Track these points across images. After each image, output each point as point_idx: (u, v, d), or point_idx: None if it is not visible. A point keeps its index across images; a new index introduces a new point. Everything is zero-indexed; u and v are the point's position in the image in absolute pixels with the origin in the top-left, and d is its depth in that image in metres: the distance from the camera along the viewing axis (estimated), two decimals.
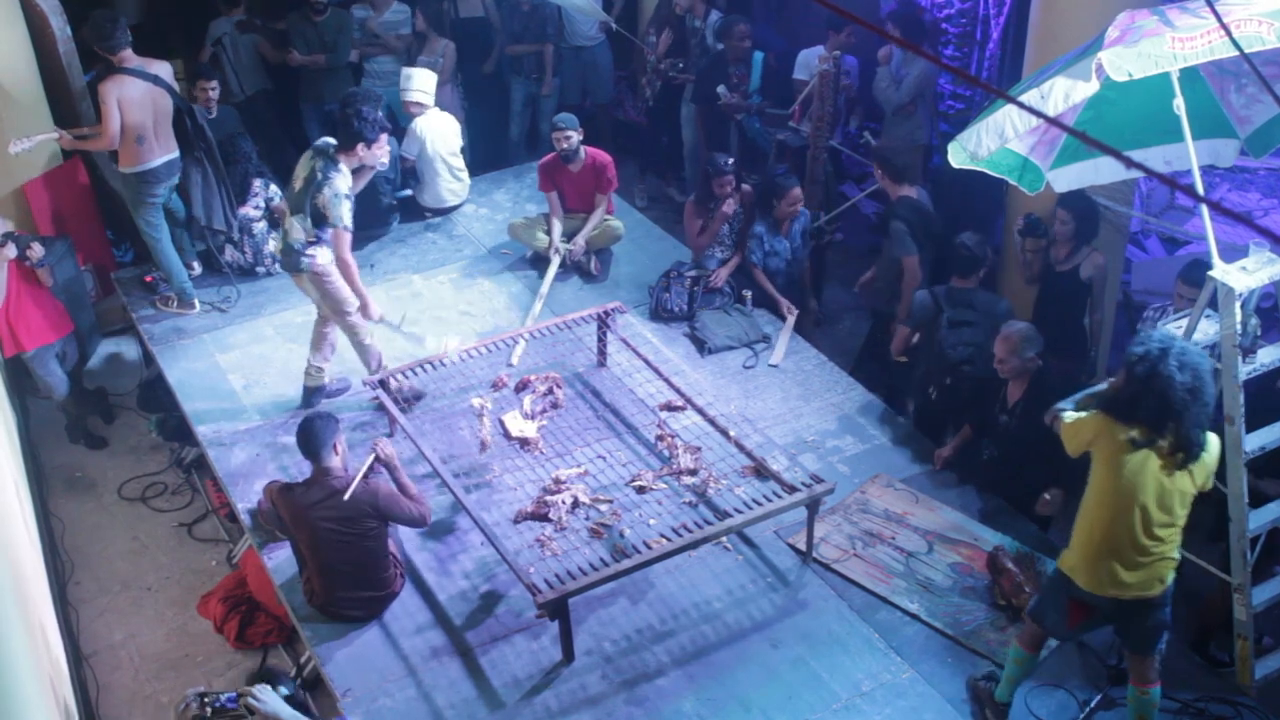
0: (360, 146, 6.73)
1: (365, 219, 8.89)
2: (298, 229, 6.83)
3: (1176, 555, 4.94)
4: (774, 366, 7.66)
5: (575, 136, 8.33)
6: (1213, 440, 4.82)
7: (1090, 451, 4.88)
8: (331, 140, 6.80)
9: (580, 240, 8.52)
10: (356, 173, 6.92)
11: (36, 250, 7.62)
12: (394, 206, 9.17)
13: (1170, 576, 4.96)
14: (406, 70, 9.00)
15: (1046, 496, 6.34)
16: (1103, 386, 5.03)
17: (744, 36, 9.56)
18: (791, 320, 7.99)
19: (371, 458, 5.95)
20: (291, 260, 6.93)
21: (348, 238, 6.79)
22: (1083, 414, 4.95)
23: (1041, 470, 6.25)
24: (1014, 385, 6.38)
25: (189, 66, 9.52)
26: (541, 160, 8.67)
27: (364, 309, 7.03)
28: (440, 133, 8.99)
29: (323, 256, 6.88)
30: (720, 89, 9.59)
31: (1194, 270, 6.25)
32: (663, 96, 10.35)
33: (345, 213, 6.70)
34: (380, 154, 6.89)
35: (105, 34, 7.62)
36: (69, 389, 8.08)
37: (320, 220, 6.74)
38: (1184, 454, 4.70)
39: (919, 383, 7.37)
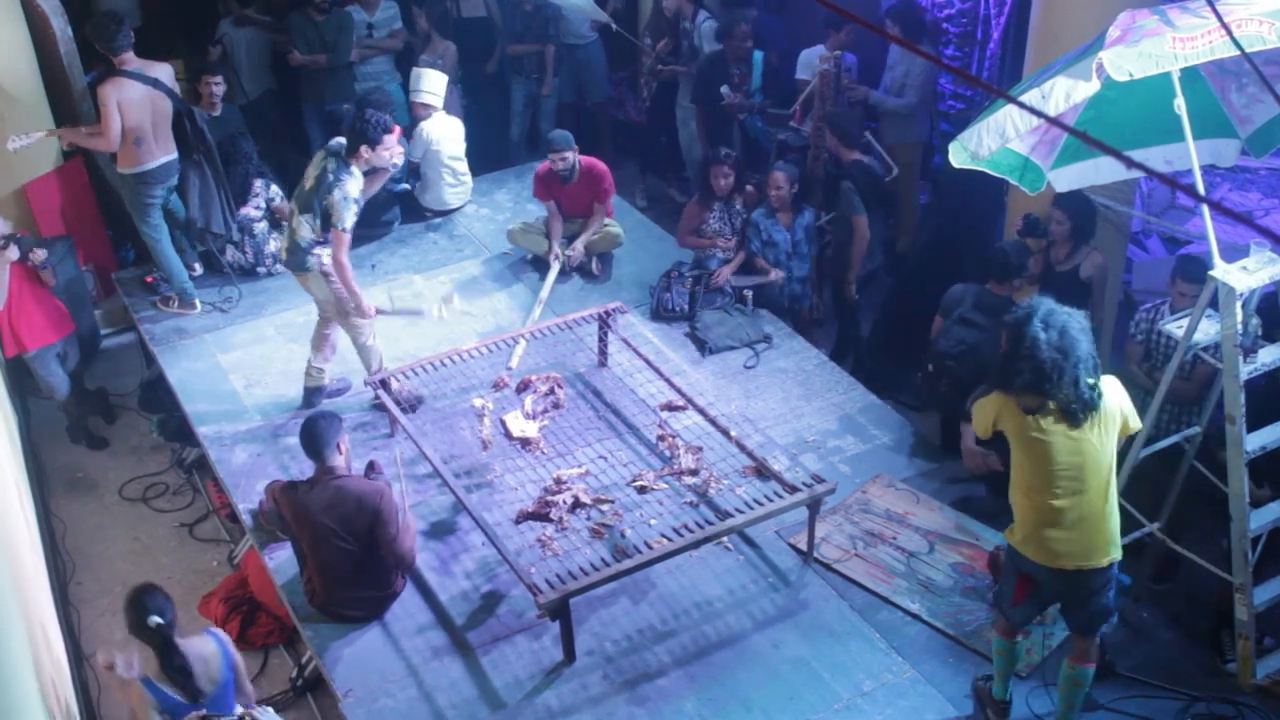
0: (364, 148, 6.72)
1: (365, 215, 8.91)
2: (305, 228, 6.84)
3: (1115, 525, 4.98)
4: (769, 335, 7.72)
5: (571, 156, 8.34)
6: (1109, 383, 4.88)
7: (1001, 431, 4.97)
8: (343, 141, 6.82)
9: (579, 245, 8.50)
10: (369, 175, 6.94)
11: (39, 254, 7.62)
12: (391, 200, 9.11)
13: (1114, 551, 5.00)
14: (417, 71, 8.98)
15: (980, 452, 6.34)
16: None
17: (745, 36, 9.55)
18: (777, 275, 8.00)
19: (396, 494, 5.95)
20: (297, 259, 6.94)
21: (347, 240, 6.80)
22: (983, 398, 5.07)
23: None
24: None
25: (190, 67, 9.52)
26: (538, 169, 8.65)
27: (357, 308, 7.02)
28: (445, 136, 8.99)
29: (327, 256, 6.90)
30: (724, 89, 9.59)
31: (1189, 266, 6.26)
32: (659, 97, 10.35)
33: (350, 216, 6.72)
34: (389, 154, 6.89)
35: (107, 35, 7.63)
36: (70, 389, 8.08)
37: (327, 221, 6.76)
38: (1075, 410, 4.76)
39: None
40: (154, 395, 8.46)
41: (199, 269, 8.63)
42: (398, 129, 6.92)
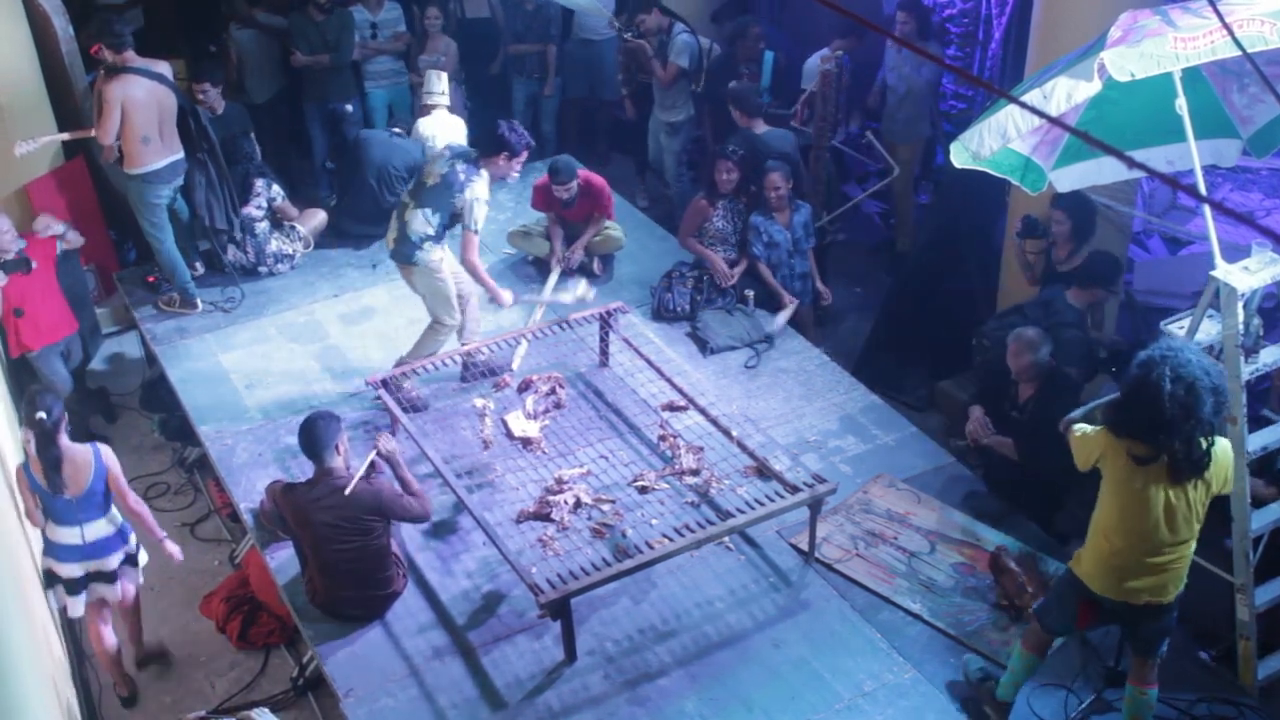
0: (503, 156, 6.92)
1: (366, 217, 8.93)
2: (420, 220, 6.93)
3: (1189, 562, 4.93)
4: (770, 338, 7.74)
5: (575, 186, 8.32)
6: (1221, 447, 4.77)
7: (1099, 466, 4.86)
8: (465, 145, 7.09)
9: (577, 250, 8.49)
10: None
11: (56, 228, 7.69)
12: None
13: (1183, 583, 4.95)
14: (431, 73, 8.97)
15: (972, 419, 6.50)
16: (1113, 397, 5.01)
17: (758, 38, 9.64)
18: (792, 308, 7.98)
19: (372, 454, 5.96)
20: (404, 251, 7.01)
21: (477, 241, 7.01)
22: (1089, 429, 4.94)
23: (1050, 469, 6.26)
24: (1025, 384, 6.38)
25: (192, 67, 9.53)
26: (537, 182, 8.62)
27: (496, 300, 7.28)
28: (440, 134, 8.99)
29: (435, 253, 7.00)
30: (732, 85, 9.61)
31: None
32: (638, 104, 10.39)
33: (482, 217, 6.94)
34: (515, 170, 7.11)
35: (110, 33, 7.63)
36: (73, 388, 8.08)
37: (452, 220, 6.95)
38: (1181, 470, 4.65)
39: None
40: (155, 395, 8.47)
41: (200, 268, 8.63)
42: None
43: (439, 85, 8.85)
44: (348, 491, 5.65)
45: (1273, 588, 5.70)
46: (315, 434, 5.72)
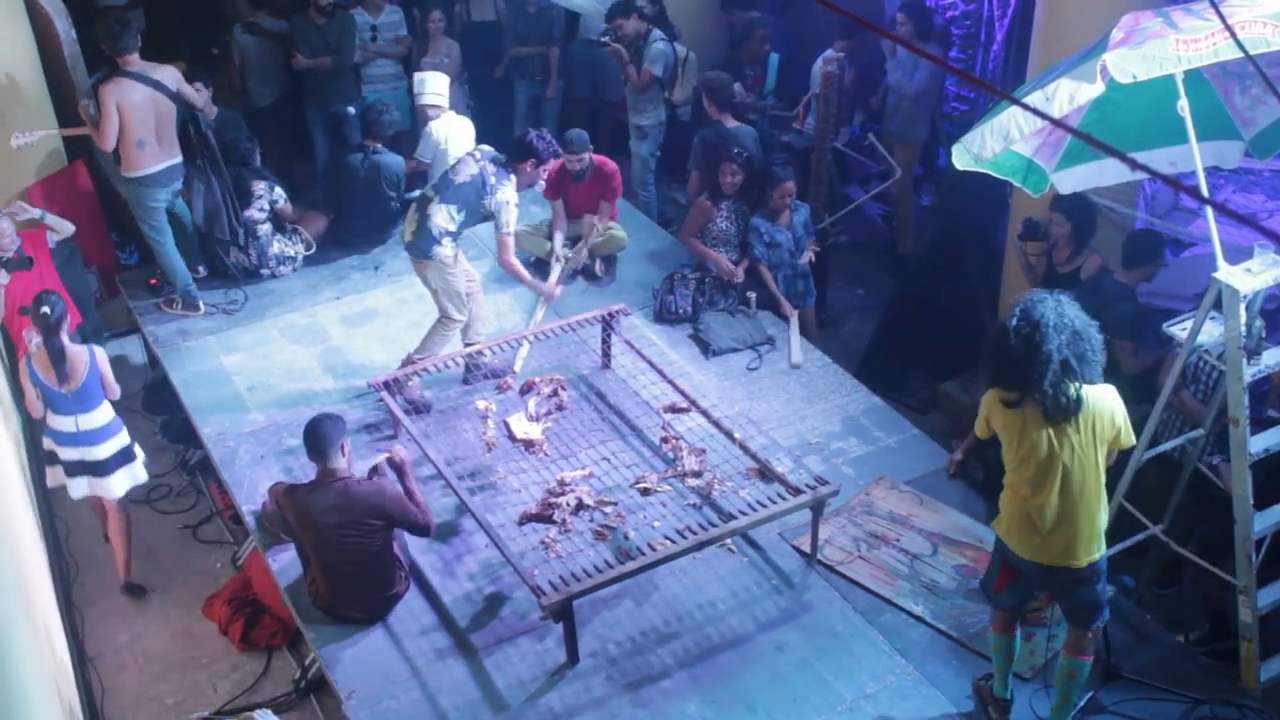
0: (530, 163, 7.06)
1: (372, 219, 8.94)
2: (444, 215, 6.98)
3: (1098, 526, 4.96)
4: (796, 367, 7.66)
5: (587, 158, 8.37)
6: (1094, 393, 4.83)
7: (992, 425, 5.02)
8: (490, 150, 7.22)
9: (582, 250, 8.50)
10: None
11: (32, 213, 7.73)
12: (400, 210, 9.13)
13: (1096, 550, 4.99)
14: (419, 75, 8.95)
15: (956, 455, 6.70)
16: None
17: (764, 40, 9.66)
18: (795, 321, 7.99)
19: (382, 457, 5.98)
20: (422, 245, 7.04)
21: (512, 242, 7.14)
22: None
23: None
24: None
25: (193, 70, 9.53)
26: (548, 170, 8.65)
27: (546, 296, 7.74)
28: (454, 136, 8.98)
29: (450, 249, 7.06)
30: (736, 86, 9.62)
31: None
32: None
33: (513, 219, 7.07)
34: (541, 177, 7.27)
35: (113, 36, 7.64)
36: None
37: (477, 220, 7.10)
38: (1051, 411, 4.76)
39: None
40: (157, 397, 8.47)
41: (202, 271, 8.63)
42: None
43: (436, 85, 8.79)
44: (360, 475, 5.71)
45: (1275, 590, 5.70)
46: (320, 434, 5.72)
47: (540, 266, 8.66)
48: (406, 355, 7.33)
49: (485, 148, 7.29)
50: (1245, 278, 5.21)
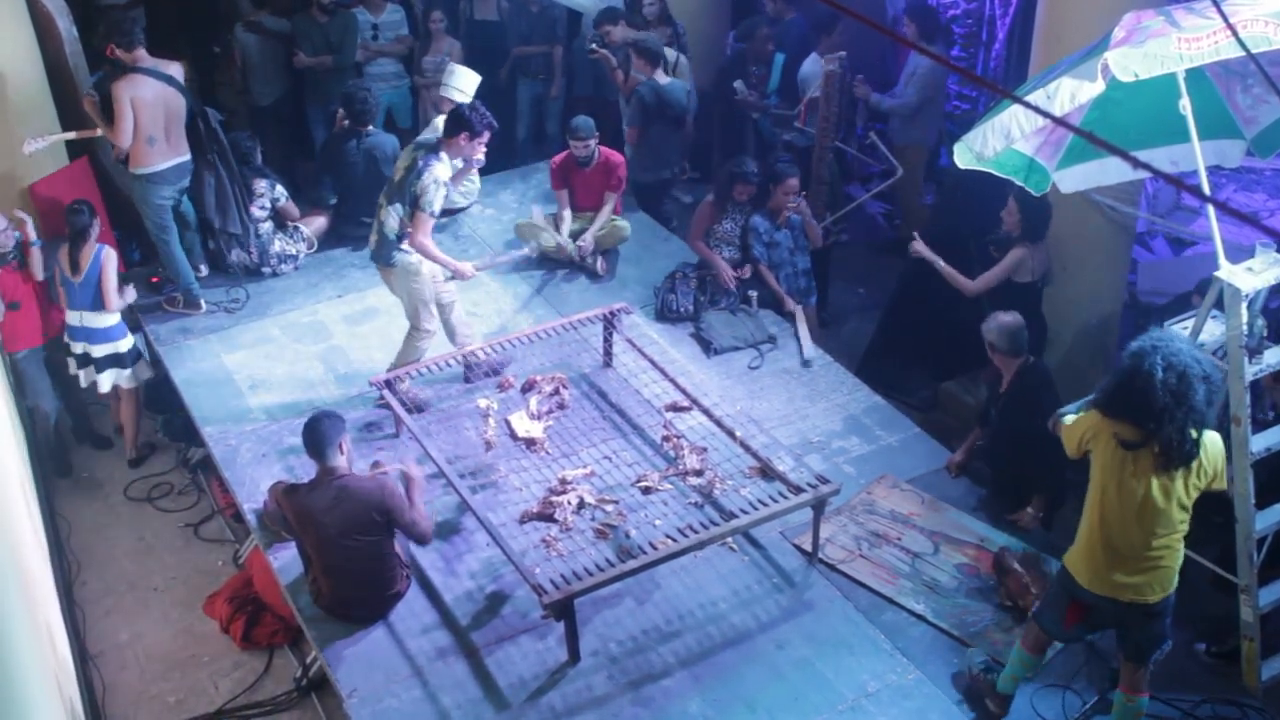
0: (464, 136, 6.85)
1: (370, 210, 8.92)
2: (393, 218, 6.91)
3: (1178, 562, 4.93)
4: (808, 363, 7.67)
5: (593, 144, 8.38)
6: (1210, 439, 4.78)
7: (1089, 452, 4.87)
8: (435, 135, 7.00)
9: (589, 237, 8.52)
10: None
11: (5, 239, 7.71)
12: None
13: (1172, 585, 4.95)
14: (452, 65, 8.88)
15: (1029, 510, 6.46)
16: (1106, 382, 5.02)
17: (767, 39, 9.67)
18: (800, 316, 7.99)
19: (395, 467, 5.98)
20: (383, 252, 7.00)
21: (430, 224, 6.90)
22: (1080, 414, 4.98)
23: (1022, 469, 6.39)
24: (1006, 379, 6.41)
25: (196, 69, 9.54)
26: (554, 160, 8.69)
27: (457, 273, 7.21)
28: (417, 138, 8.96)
29: (414, 254, 6.98)
30: (737, 84, 9.66)
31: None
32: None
33: (438, 200, 6.82)
34: (480, 152, 7.05)
35: (124, 32, 7.63)
36: (55, 406, 8.06)
37: (414, 206, 6.87)
38: (1170, 457, 4.66)
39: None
40: (159, 395, 8.47)
41: (205, 269, 8.63)
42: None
43: (465, 82, 8.55)
44: (354, 477, 5.70)
45: (1276, 589, 5.70)
46: (319, 433, 5.72)
47: (543, 265, 8.66)
48: (388, 368, 7.29)
49: (420, 138, 7.20)
50: (1247, 276, 5.21)
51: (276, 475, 6.77)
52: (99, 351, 7.75)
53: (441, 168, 6.83)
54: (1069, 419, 5.03)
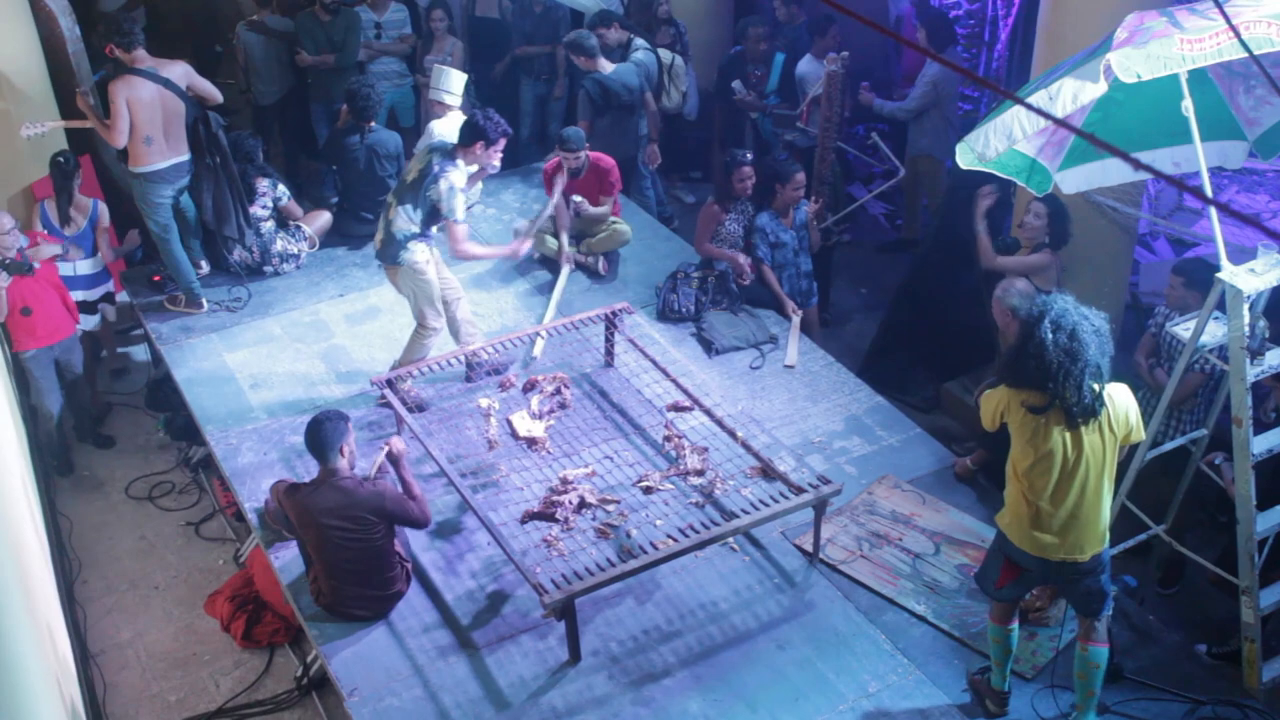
0: (479, 145, 6.87)
1: (373, 207, 8.94)
2: (403, 218, 6.92)
3: (1104, 519, 4.98)
4: (789, 368, 7.66)
5: (584, 156, 8.36)
6: (1115, 390, 4.86)
7: (1005, 421, 4.98)
8: (449, 140, 7.01)
9: (571, 252, 8.52)
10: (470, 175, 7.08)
11: (47, 251, 7.84)
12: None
13: (1103, 543, 5.02)
14: (439, 68, 8.92)
15: (968, 461, 6.70)
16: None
17: (759, 39, 9.68)
18: (797, 320, 7.99)
19: (382, 456, 5.98)
20: (390, 251, 7.00)
21: (463, 229, 6.95)
22: (991, 389, 5.08)
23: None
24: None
25: (199, 68, 9.54)
26: (546, 165, 8.68)
27: (515, 254, 7.59)
28: (453, 135, 8.96)
29: (420, 253, 6.98)
30: (735, 84, 9.66)
31: (1188, 267, 6.44)
32: None
33: (459, 206, 6.85)
34: (496, 159, 7.05)
35: (122, 32, 7.64)
36: (59, 409, 8.06)
37: (433, 214, 6.88)
38: (1076, 414, 4.76)
39: None
40: (160, 394, 8.48)
41: (206, 268, 8.63)
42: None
43: (454, 84, 8.69)
44: (372, 473, 5.67)
45: (1278, 590, 5.70)
46: (321, 434, 5.72)
47: (545, 263, 8.67)
48: (392, 365, 7.31)
49: (435, 140, 7.23)
50: (1249, 278, 5.20)
51: (278, 474, 6.78)
52: (94, 295, 8.36)
53: (457, 174, 6.86)
54: (988, 392, 5.14)
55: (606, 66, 9.10)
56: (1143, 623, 5.95)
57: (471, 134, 6.87)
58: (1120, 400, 4.90)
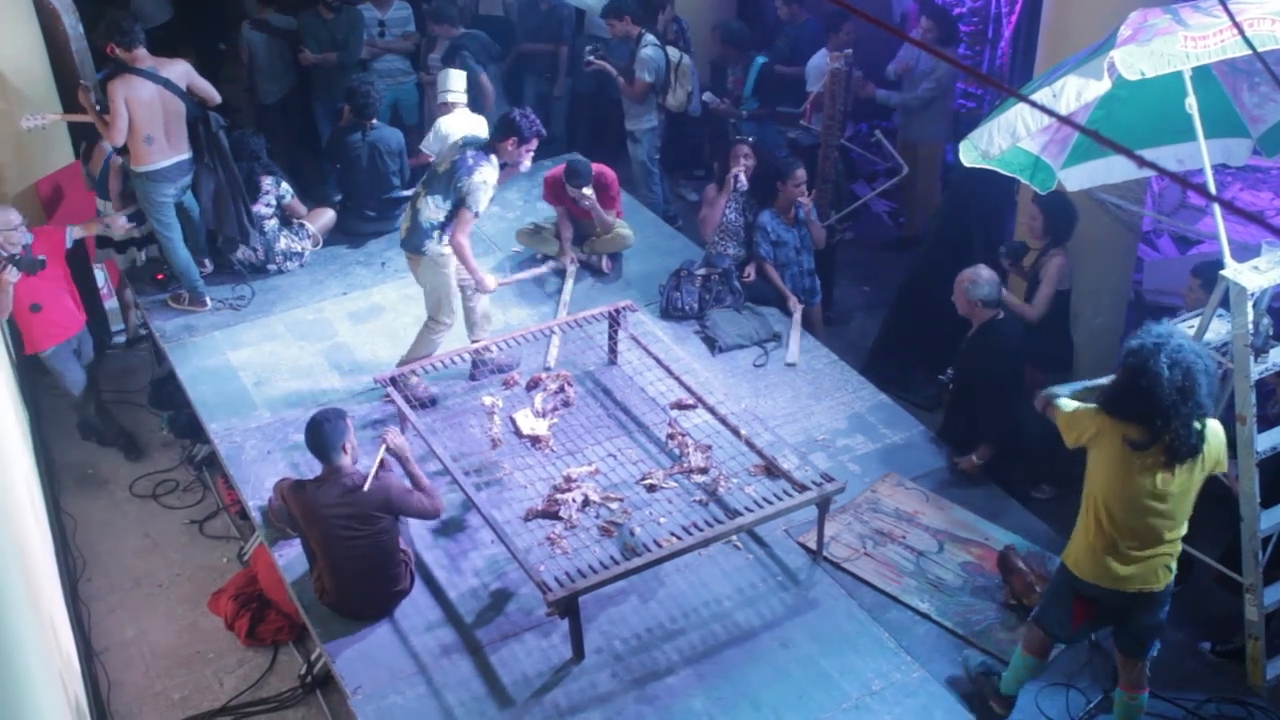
0: (512, 140, 6.89)
1: (376, 206, 8.95)
2: (431, 208, 6.94)
3: (1178, 548, 4.92)
4: (791, 365, 7.66)
5: (589, 191, 8.26)
6: (1212, 429, 4.77)
7: (1088, 446, 4.86)
8: (479, 135, 7.10)
9: (572, 257, 8.55)
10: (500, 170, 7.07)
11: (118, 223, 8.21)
12: (403, 181, 9.09)
13: (1173, 569, 4.94)
14: (445, 71, 8.92)
15: (973, 457, 6.63)
16: (1105, 381, 5.00)
17: (721, 42, 9.75)
18: (798, 316, 7.98)
19: (382, 452, 5.97)
20: (415, 240, 7.02)
21: (472, 223, 6.97)
22: (1081, 406, 4.93)
23: (973, 416, 6.65)
24: (975, 327, 6.70)
25: (202, 67, 9.54)
26: (547, 175, 8.62)
27: (479, 285, 7.25)
28: (464, 133, 8.95)
29: (445, 245, 7.01)
30: (706, 96, 9.70)
31: (1207, 269, 6.30)
32: None
33: (484, 200, 6.88)
34: (527, 158, 7.07)
35: (124, 32, 7.64)
36: (85, 385, 8.09)
37: (458, 204, 6.89)
38: (1177, 452, 4.65)
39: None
40: (164, 392, 8.49)
41: (209, 266, 8.64)
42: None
43: (456, 83, 8.75)
44: (366, 487, 5.65)
45: None
46: (322, 435, 5.72)
47: (548, 260, 8.67)
48: (400, 359, 7.32)
49: (469, 134, 7.27)
50: (1253, 275, 5.20)
51: (282, 472, 6.78)
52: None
53: (490, 169, 6.88)
54: (1065, 405, 4.99)
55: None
56: None
57: (506, 130, 6.90)
58: (1217, 439, 4.77)
